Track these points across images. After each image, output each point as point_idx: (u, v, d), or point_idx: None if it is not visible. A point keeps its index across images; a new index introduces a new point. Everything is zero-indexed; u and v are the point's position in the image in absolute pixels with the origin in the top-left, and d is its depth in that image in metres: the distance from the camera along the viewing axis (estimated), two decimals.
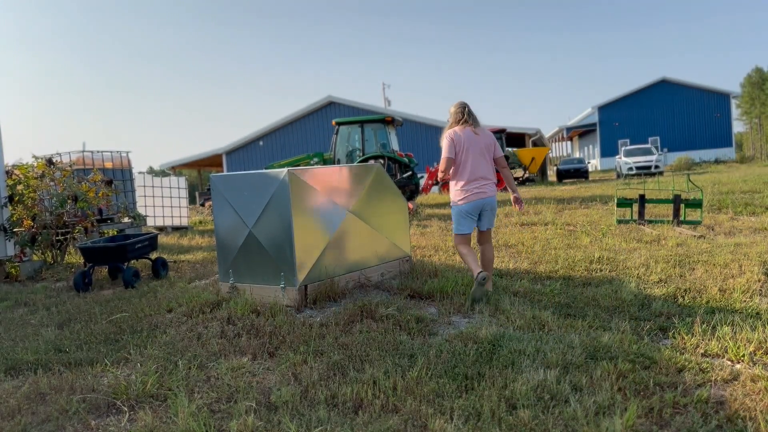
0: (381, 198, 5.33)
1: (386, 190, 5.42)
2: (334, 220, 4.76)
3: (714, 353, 3.09)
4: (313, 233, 4.58)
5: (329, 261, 4.68)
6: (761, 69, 63.42)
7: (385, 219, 5.35)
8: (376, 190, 5.26)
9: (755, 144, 65.75)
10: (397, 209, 5.52)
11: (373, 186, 5.20)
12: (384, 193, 5.38)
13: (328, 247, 4.67)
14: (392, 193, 5.50)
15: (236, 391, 2.81)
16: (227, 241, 4.86)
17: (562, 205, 12.35)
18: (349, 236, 4.92)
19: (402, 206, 5.59)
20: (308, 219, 4.54)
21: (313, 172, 4.66)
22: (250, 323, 3.91)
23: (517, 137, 34.06)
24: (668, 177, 21.63)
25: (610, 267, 5.47)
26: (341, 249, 4.84)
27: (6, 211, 7.46)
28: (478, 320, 3.88)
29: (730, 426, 2.27)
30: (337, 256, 4.79)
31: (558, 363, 2.93)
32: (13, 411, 2.73)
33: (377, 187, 5.26)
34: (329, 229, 4.71)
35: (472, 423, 2.35)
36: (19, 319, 4.86)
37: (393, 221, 5.45)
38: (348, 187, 4.98)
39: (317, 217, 4.64)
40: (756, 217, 8.83)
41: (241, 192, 4.74)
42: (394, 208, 5.49)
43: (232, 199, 4.78)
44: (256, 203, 4.59)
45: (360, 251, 5.05)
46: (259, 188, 4.59)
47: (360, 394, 2.66)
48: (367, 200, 5.11)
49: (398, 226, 5.52)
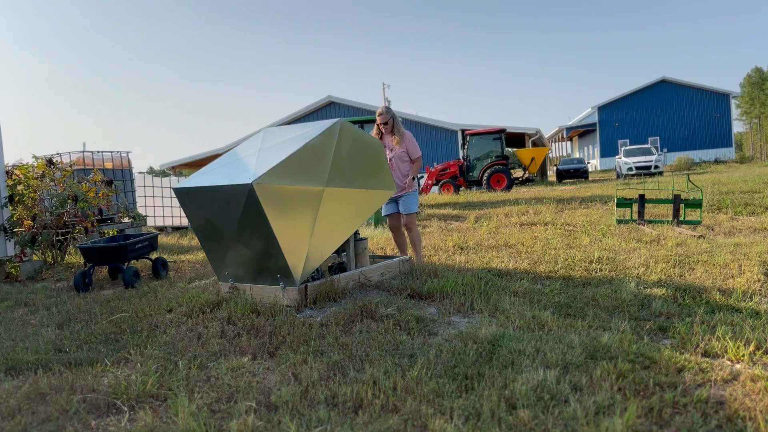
0: (355, 152, 4.95)
1: (356, 140, 4.98)
2: (314, 204, 4.49)
3: (714, 353, 3.09)
4: (298, 230, 4.37)
5: (321, 242, 4.55)
6: (761, 69, 63.44)
7: (364, 170, 5.04)
8: (347, 147, 4.84)
9: (755, 144, 65.75)
10: (372, 153, 5.18)
11: (342, 145, 4.78)
12: (355, 145, 4.96)
13: (316, 233, 4.48)
14: (362, 140, 5.07)
15: (236, 391, 2.81)
16: (214, 249, 4.71)
17: (562, 205, 12.35)
18: (333, 210, 4.66)
19: (375, 145, 5.24)
20: (289, 219, 4.31)
21: (278, 169, 4.19)
22: (250, 323, 3.91)
23: (517, 137, 34.08)
24: (668, 177, 21.64)
25: (610, 267, 5.47)
26: (330, 225, 4.64)
27: (6, 211, 7.47)
28: (478, 320, 3.88)
29: (730, 426, 2.27)
30: (329, 232, 4.64)
31: (558, 363, 2.93)
32: (13, 411, 2.73)
33: (346, 143, 4.83)
34: (312, 217, 4.47)
35: (472, 423, 2.35)
36: (19, 319, 4.86)
37: (372, 165, 5.15)
38: (319, 161, 4.56)
39: (297, 212, 4.38)
40: (756, 217, 8.84)
41: (211, 204, 4.43)
42: (370, 153, 5.15)
43: (204, 211, 4.54)
44: (230, 216, 4.32)
45: (348, 214, 4.87)
46: (228, 201, 4.26)
47: (360, 394, 2.66)
48: (341, 164, 4.74)
49: (378, 166, 5.21)
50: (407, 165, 5.85)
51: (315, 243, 4.50)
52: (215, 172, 4.61)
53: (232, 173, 4.40)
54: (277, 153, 4.42)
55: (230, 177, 4.32)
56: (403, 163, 5.82)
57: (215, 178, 4.44)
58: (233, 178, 4.25)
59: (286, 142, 4.63)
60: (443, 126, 30.82)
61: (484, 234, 8.45)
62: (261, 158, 4.45)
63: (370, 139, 5.20)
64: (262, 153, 4.57)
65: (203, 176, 4.63)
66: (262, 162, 4.34)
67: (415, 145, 5.85)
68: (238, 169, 4.41)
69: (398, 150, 5.77)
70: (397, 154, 5.78)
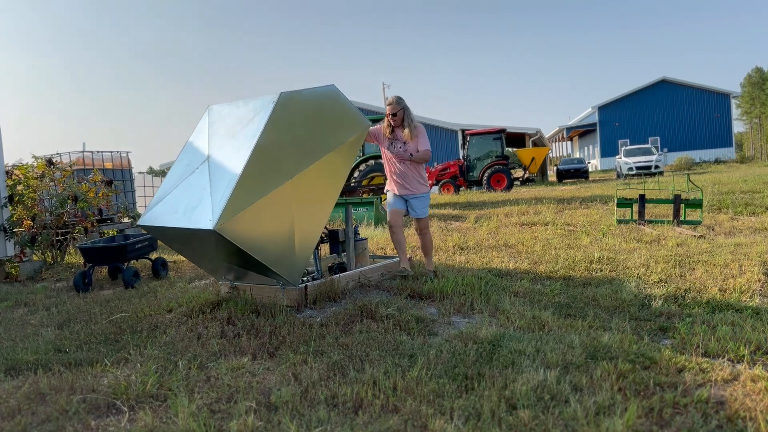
0: (309, 120, 4.38)
1: (306, 107, 4.36)
2: (287, 200, 4.17)
3: (714, 353, 3.09)
4: (279, 236, 4.15)
5: (306, 229, 4.35)
6: (761, 69, 63.42)
7: (327, 128, 4.52)
8: (300, 121, 4.29)
9: (755, 144, 65.75)
10: (328, 104, 4.56)
11: (294, 123, 4.25)
12: (306, 113, 4.37)
13: (297, 225, 4.26)
14: (311, 102, 4.42)
15: (236, 391, 2.81)
16: (202, 264, 4.59)
17: (562, 205, 12.35)
18: (308, 192, 4.32)
19: (326, 94, 4.56)
20: (266, 233, 4.06)
21: (237, 195, 3.77)
22: (250, 323, 3.91)
23: (517, 137, 34.10)
24: (668, 177, 21.63)
25: (610, 267, 5.47)
26: (310, 208, 4.37)
27: (6, 211, 7.47)
28: (478, 320, 3.88)
29: (730, 426, 2.27)
30: (311, 215, 4.38)
31: (558, 363, 2.92)
32: (13, 411, 2.73)
33: (297, 118, 4.28)
34: (289, 214, 4.20)
35: (472, 423, 2.35)
36: (19, 319, 4.86)
37: (333, 117, 4.59)
38: (276, 157, 4.09)
39: (272, 220, 4.09)
40: (756, 217, 8.83)
41: (181, 239, 4.16)
42: (325, 107, 4.55)
43: (178, 243, 4.30)
44: (206, 248, 4.09)
45: (325, 185, 4.49)
46: (198, 239, 3.96)
47: (360, 394, 2.66)
48: (299, 143, 4.27)
49: (339, 112, 4.65)
50: (421, 165, 5.27)
51: (300, 234, 4.31)
52: (174, 202, 4.18)
53: (190, 209, 3.98)
54: (230, 168, 3.94)
55: (190, 216, 3.94)
56: (417, 162, 5.21)
57: (175, 217, 4.06)
58: (194, 220, 3.88)
59: (236, 144, 4.08)
60: (443, 126, 30.82)
61: (484, 234, 8.44)
62: (215, 181, 3.98)
63: (318, 94, 4.49)
64: (214, 170, 4.08)
65: (162, 208, 4.23)
66: (217, 189, 3.90)
67: (426, 140, 5.21)
68: (196, 203, 3.98)
69: (411, 145, 5.12)
70: (412, 149, 5.14)
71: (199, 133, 4.53)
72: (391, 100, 5.16)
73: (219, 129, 4.38)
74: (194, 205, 3.98)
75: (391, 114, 5.13)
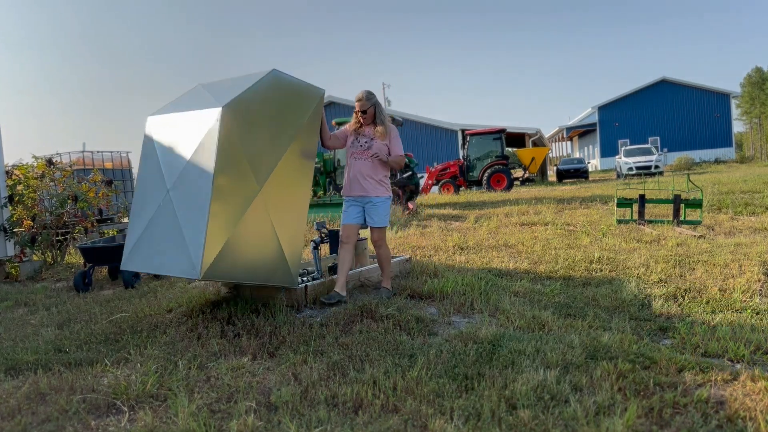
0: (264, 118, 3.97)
1: (258, 108, 3.95)
2: (263, 211, 3.95)
3: (714, 353, 3.09)
4: (267, 252, 4.01)
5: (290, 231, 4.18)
6: (761, 69, 63.39)
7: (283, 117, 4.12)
8: (254, 125, 3.90)
9: (755, 144, 65.73)
10: (278, 95, 4.11)
11: (250, 130, 3.87)
12: (260, 114, 3.95)
13: (280, 232, 4.09)
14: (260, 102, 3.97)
15: (236, 391, 2.81)
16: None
17: (562, 205, 12.36)
18: (282, 193, 4.11)
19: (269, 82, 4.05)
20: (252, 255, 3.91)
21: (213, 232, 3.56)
22: (250, 323, 3.91)
23: (517, 137, 34.09)
24: (668, 177, 21.63)
25: (610, 267, 5.47)
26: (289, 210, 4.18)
27: (6, 211, 7.47)
28: (478, 320, 3.88)
29: (730, 426, 2.27)
30: (290, 216, 4.19)
31: (558, 363, 2.92)
32: (13, 411, 2.73)
33: (249, 123, 3.87)
34: (268, 225, 4.01)
35: (472, 423, 2.35)
36: (19, 319, 4.86)
37: (286, 105, 4.14)
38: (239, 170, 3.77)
39: (255, 238, 3.91)
40: (756, 217, 8.83)
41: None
42: (277, 96, 4.09)
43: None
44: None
45: (296, 177, 4.25)
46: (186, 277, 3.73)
47: (360, 394, 2.66)
48: (259, 146, 3.93)
49: (291, 94, 4.22)
50: (384, 162, 4.60)
51: (286, 239, 4.14)
52: (150, 246, 3.89)
53: (170, 255, 3.73)
54: (196, 203, 3.64)
55: (172, 265, 3.72)
56: (380, 158, 4.56)
57: (157, 264, 3.82)
58: (177, 268, 3.67)
59: (194, 172, 3.71)
60: (443, 126, 30.83)
61: (484, 234, 8.45)
62: (183, 220, 3.69)
63: (262, 87, 3.96)
64: (179, 205, 3.76)
65: (141, 252, 3.93)
66: (189, 228, 3.63)
67: (399, 143, 4.65)
68: (173, 246, 3.71)
69: (379, 143, 4.52)
70: (377, 146, 4.51)
71: (148, 159, 4.09)
72: (360, 95, 4.54)
73: (170, 157, 3.92)
74: (172, 249, 3.71)
75: (360, 111, 4.53)
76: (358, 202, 4.62)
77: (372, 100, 4.55)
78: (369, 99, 4.54)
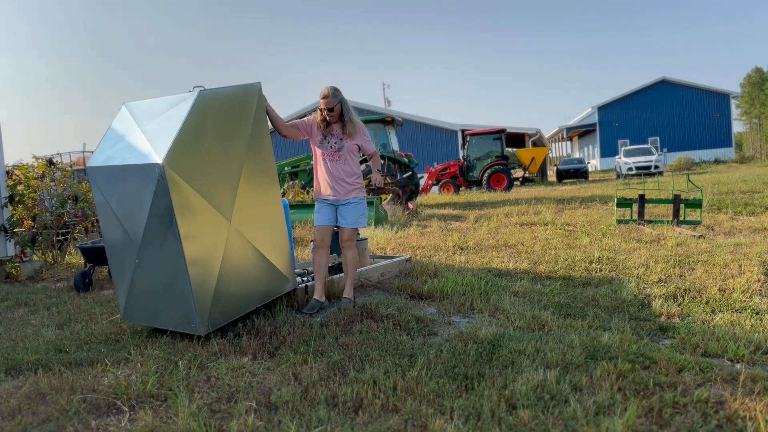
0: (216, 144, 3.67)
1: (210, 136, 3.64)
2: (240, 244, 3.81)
3: (714, 353, 3.09)
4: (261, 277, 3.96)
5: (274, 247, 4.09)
6: (761, 69, 63.36)
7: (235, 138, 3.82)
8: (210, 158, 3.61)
9: (755, 144, 65.72)
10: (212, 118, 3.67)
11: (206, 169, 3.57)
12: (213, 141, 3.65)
13: (264, 249, 4.01)
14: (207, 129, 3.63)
15: (236, 391, 2.82)
16: None
17: (562, 205, 12.36)
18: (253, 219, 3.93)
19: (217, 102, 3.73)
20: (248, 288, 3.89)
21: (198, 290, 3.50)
22: (250, 323, 3.91)
23: (517, 137, 34.09)
24: (668, 177, 21.64)
25: (610, 267, 5.47)
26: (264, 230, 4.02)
27: (6, 211, 7.47)
28: (478, 320, 3.88)
29: (730, 426, 2.27)
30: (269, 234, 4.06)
31: (558, 363, 2.93)
32: (13, 411, 2.73)
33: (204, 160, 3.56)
34: (253, 254, 3.93)
35: (472, 423, 2.35)
36: (19, 319, 4.86)
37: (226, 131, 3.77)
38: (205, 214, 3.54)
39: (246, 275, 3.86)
40: (756, 217, 8.84)
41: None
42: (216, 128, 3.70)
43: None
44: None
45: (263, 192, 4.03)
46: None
47: (360, 394, 2.66)
48: (220, 176, 3.67)
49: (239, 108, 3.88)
50: (356, 162, 4.48)
51: (271, 253, 4.04)
52: (142, 299, 3.83)
53: (163, 308, 3.72)
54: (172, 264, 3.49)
55: (168, 318, 3.71)
56: (353, 159, 4.43)
57: (158, 317, 3.79)
58: (176, 323, 3.67)
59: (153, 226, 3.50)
60: (443, 126, 30.83)
61: (484, 234, 8.45)
62: (168, 281, 3.59)
63: (195, 116, 3.54)
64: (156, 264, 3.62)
65: (135, 305, 3.87)
66: (175, 289, 3.57)
67: (369, 140, 4.52)
68: (161, 301, 3.69)
69: (348, 142, 4.36)
70: (348, 147, 4.37)
71: (105, 212, 3.83)
72: (326, 92, 4.28)
73: (126, 214, 3.68)
74: (167, 306, 3.69)
75: (326, 109, 4.28)
76: (331, 203, 4.46)
77: (338, 96, 4.30)
78: (335, 96, 4.28)
